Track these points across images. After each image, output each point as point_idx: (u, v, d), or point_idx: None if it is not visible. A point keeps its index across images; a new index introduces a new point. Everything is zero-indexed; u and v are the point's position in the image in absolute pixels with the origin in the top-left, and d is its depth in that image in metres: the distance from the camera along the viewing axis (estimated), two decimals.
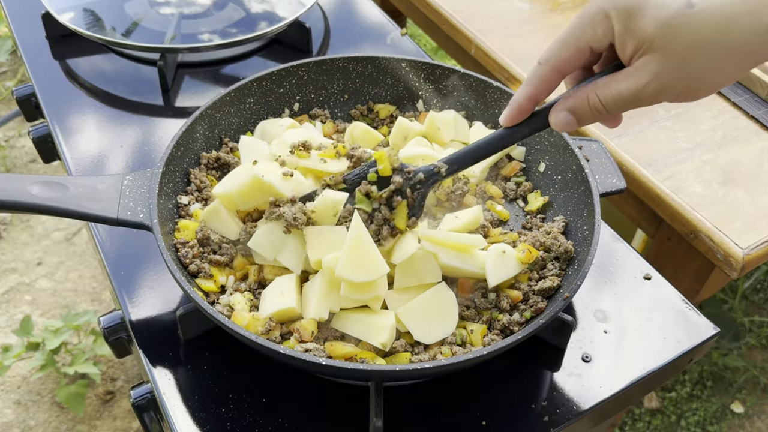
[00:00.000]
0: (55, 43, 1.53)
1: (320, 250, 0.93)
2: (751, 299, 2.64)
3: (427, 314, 0.94)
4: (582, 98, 0.78)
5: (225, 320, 0.84)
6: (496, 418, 0.93)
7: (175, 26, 1.49)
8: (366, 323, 0.92)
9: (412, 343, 0.94)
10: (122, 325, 1.04)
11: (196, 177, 1.09)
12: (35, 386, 2.34)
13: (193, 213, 1.05)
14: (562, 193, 1.10)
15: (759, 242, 1.21)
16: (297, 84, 1.24)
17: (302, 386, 0.96)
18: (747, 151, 1.39)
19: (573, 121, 0.80)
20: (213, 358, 0.98)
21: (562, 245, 1.01)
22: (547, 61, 0.79)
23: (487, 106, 1.22)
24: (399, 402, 0.94)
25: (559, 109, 0.80)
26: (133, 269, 1.08)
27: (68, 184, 0.96)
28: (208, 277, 0.97)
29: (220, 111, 1.15)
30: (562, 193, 1.10)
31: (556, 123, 0.81)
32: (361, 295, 0.91)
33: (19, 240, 2.77)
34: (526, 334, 0.85)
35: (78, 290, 2.62)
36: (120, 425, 2.25)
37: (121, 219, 0.95)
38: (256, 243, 0.98)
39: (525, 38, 1.63)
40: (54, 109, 1.37)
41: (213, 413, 0.92)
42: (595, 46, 0.76)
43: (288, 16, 1.49)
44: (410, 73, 1.25)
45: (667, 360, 1.00)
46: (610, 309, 1.06)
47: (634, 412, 2.35)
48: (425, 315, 0.94)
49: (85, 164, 1.26)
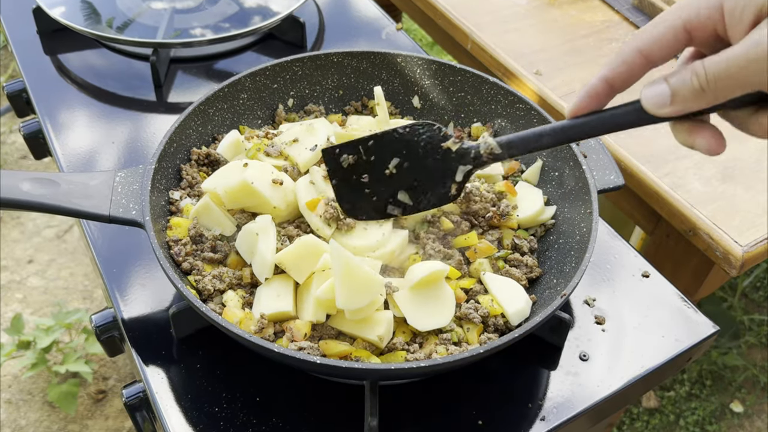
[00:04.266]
0: (46, 38, 1.52)
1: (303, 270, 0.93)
2: (751, 297, 2.64)
3: (424, 302, 0.93)
4: (686, 69, 0.62)
5: (218, 318, 0.83)
6: (492, 417, 0.93)
7: (168, 21, 1.48)
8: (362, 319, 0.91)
9: (407, 341, 0.93)
10: (114, 323, 1.04)
11: (187, 173, 1.08)
12: (26, 385, 2.33)
13: (184, 208, 1.04)
14: (560, 189, 1.10)
15: (758, 239, 1.20)
16: (291, 79, 1.23)
17: (296, 385, 0.95)
18: (747, 147, 1.38)
19: (668, 95, 0.64)
20: (206, 356, 0.97)
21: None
22: (634, 38, 0.65)
23: (484, 102, 1.21)
24: (394, 401, 0.94)
25: (656, 80, 0.65)
26: (126, 267, 1.07)
27: (59, 180, 0.96)
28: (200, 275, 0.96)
29: (213, 107, 1.14)
30: (560, 190, 1.10)
31: (647, 94, 0.65)
32: (364, 312, 0.90)
33: (9, 237, 2.76)
34: (523, 333, 0.85)
35: (69, 288, 2.60)
36: (112, 425, 2.24)
37: (113, 216, 0.94)
38: (239, 244, 0.98)
39: (522, 33, 1.62)
40: (45, 105, 1.36)
41: (206, 412, 0.91)
42: (694, 28, 0.62)
43: (282, 11, 1.48)
44: (406, 68, 1.24)
45: (666, 359, 1.00)
46: (608, 307, 1.06)
47: (633, 411, 2.35)
48: (422, 302, 0.93)
49: (76, 160, 1.25)
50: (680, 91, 0.63)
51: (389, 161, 0.82)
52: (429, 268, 0.92)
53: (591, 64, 1.54)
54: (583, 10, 1.71)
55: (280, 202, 0.98)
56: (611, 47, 1.59)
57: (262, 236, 0.94)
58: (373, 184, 0.84)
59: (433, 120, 1.26)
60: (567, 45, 1.60)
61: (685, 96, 0.63)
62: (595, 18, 1.68)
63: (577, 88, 1.47)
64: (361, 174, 0.83)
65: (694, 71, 0.61)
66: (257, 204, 0.98)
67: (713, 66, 0.60)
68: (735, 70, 0.59)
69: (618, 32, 1.64)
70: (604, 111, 0.70)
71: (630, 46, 0.66)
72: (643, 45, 0.65)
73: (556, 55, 1.57)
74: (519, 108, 1.16)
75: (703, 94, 0.62)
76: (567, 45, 1.60)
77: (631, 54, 0.66)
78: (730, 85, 0.60)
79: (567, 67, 1.53)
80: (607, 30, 1.65)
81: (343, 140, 1.06)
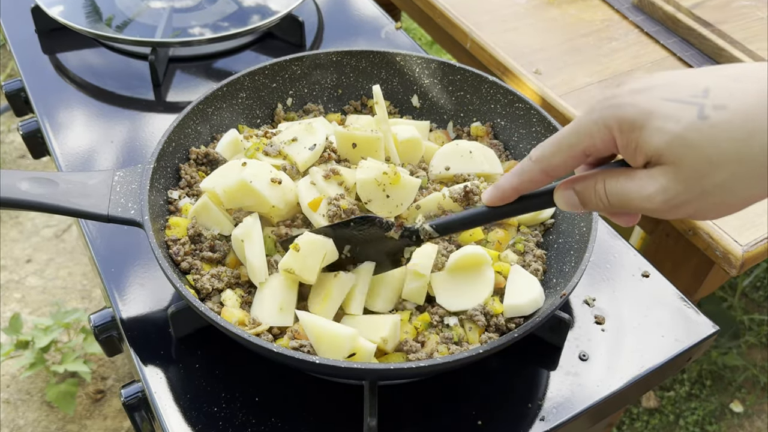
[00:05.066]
0: (44, 37, 1.52)
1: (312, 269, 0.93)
2: (751, 297, 2.64)
3: (459, 284, 0.95)
4: (590, 184, 0.70)
5: (217, 318, 0.83)
6: (492, 417, 0.93)
7: (167, 20, 1.48)
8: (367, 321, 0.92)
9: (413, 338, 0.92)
10: (113, 323, 1.03)
11: (186, 172, 1.08)
12: (24, 385, 2.32)
13: (183, 208, 1.03)
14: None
15: (758, 239, 1.20)
16: (290, 78, 1.23)
17: (296, 385, 0.95)
18: None
19: (578, 203, 0.73)
20: (205, 356, 0.97)
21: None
22: (538, 161, 0.73)
23: (483, 101, 1.20)
24: (394, 401, 0.93)
25: (566, 187, 0.74)
26: (124, 266, 1.07)
27: (58, 180, 0.96)
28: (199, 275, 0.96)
29: (212, 106, 1.14)
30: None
31: (559, 200, 0.75)
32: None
33: (8, 237, 2.75)
34: (523, 333, 0.85)
35: (68, 288, 2.60)
36: (111, 425, 2.24)
37: (111, 215, 0.94)
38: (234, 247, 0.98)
39: (521, 32, 1.62)
40: (43, 104, 1.36)
41: (205, 412, 0.91)
42: (593, 153, 0.69)
43: (281, 10, 1.48)
44: (405, 67, 1.24)
45: (666, 359, 1.00)
46: (608, 307, 1.06)
47: (632, 411, 2.35)
48: (457, 284, 0.95)
49: (75, 160, 1.24)
50: (588, 203, 0.72)
51: (342, 249, 0.96)
52: (464, 252, 0.95)
53: (590, 63, 1.54)
54: (582, 9, 1.70)
55: (278, 201, 0.98)
56: (611, 46, 1.59)
57: (247, 242, 0.94)
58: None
59: (432, 119, 1.26)
60: (566, 44, 1.59)
61: (593, 208, 0.72)
62: (595, 17, 1.68)
63: (576, 86, 1.47)
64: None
65: (596, 192, 0.70)
66: (256, 203, 0.98)
67: (613, 194, 0.68)
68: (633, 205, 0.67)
69: (618, 31, 1.64)
70: (522, 199, 0.80)
71: (535, 168, 0.74)
72: (546, 168, 0.73)
73: (555, 54, 1.56)
74: (518, 107, 1.16)
75: (606, 209, 0.71)
76: (566, 44, 1.59)
77: (537, 174, 0.74)
78: (627, 210, 0.68)
79: (566, 66, 1.53)
80: (606, 29, 1.64)
81: (343, 139, 1.06)
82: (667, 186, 0.62)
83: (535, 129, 1.14)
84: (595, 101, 0.67)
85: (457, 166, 1.10)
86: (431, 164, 1.12)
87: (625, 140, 0.64)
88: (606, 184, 0.69)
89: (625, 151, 0.66)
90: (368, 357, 0.85)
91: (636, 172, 0.66)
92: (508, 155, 1.19)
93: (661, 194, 0.63)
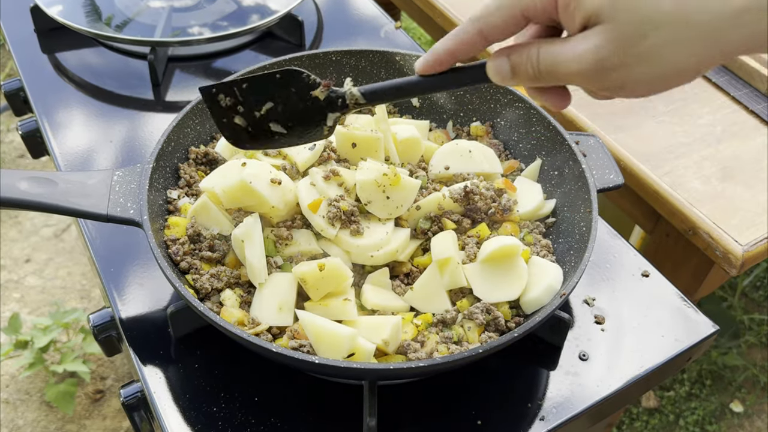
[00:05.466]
0: (43, 36, 1.52)
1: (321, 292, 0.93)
2: (751, 297, 2.63)
3: (494, 275, 0.95)
4: (524, 50, 0.68)
5: (216, 318, 0.83)
6: (491, 417, 0.93)
7: (166, 19, 1.48)
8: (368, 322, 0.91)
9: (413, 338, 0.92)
10: (112, 322, 1.03)
11: (185, 172, 1.08)
12: (24, 385, 2.32)
13: (182, 207, 1.03)
14: (559, 189, 1.09)
15: (759, 239, 1.20)
16: None
17: (295, 385, 0.95)
18: (746, 146, 1.38)
19: (508, 72, 0.70)
20: (204, 356, 0.97)
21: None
22: (476, 20, 0.70)
23: (483, 101, 1.20)
24: (393, 401, 0.93)
25: (499, 55, 0.71)
26: (123, 266, 1.07)
27: (57, 179, 0.95)
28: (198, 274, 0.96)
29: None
30: (559, 189, 1.09)
31: (491, 69, 0.72)
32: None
33: (7, 236, 2.75)
34: (523, 332, 0.84)
35: (67, 287, 2.60)
36: (110, 425, 2.24)
37: (110, 215, 0.94)
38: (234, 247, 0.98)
39: None
40: (42, 104, 1.35)
41: (204, 412, 0.91)
42: (532, 16, 0.67)
43: (280, 9, 1.48)
44: (404, 67, 1.24)
45: (666, 358, 1.00)
46: (608, 307, 1.05)
47: (632, 411, 2.35)
48: (492, 275, 0.95)
49: (74, 159, 1.24)
50: (518, 71, 0.69)
51: (263, 104, 0.86)
52: (500, 242, 0.95)
53: None
54: None
55: (278, 201, 0.98)
56: None
57: (247, 243, 0.94)
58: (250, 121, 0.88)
59: (432, 119, 1.25)
60: None
61: (523, 76, 0.69)
62: None
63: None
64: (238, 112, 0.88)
65: (529, 57, 0.68)
66: (256, 203, 0.98)
67: (544, 59, 0.66)
68: (562, 69, 0.65)
69: None
70: (454, 70, 0.76)
71: (472, 28, 0.70)
72: (484, 28, 0.69)
73: None
74: (518, 107, 1.16)
75: (536, 79, 0.68)
76: None
77: (474, 35, 0.70)
78: (557, 77, 0.66)
79: None
80: None
81: (343, 139, 1.06)
82: (600, 44, 0.61)
83: (534, 129, 1.14)
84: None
85: (457, 165, 1.10)
86: (431, 164, 1.12)
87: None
88: (540, 49, 0.67)
89: (564, 13, 0.64)
90: (368, 357, 0.85)
91: (571, 37, 0.64)
92: (507, 155, 1.19)
93: (592, 53, 0.62)
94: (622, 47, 0.60)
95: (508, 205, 1.04)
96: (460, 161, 1.10)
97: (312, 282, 0.91)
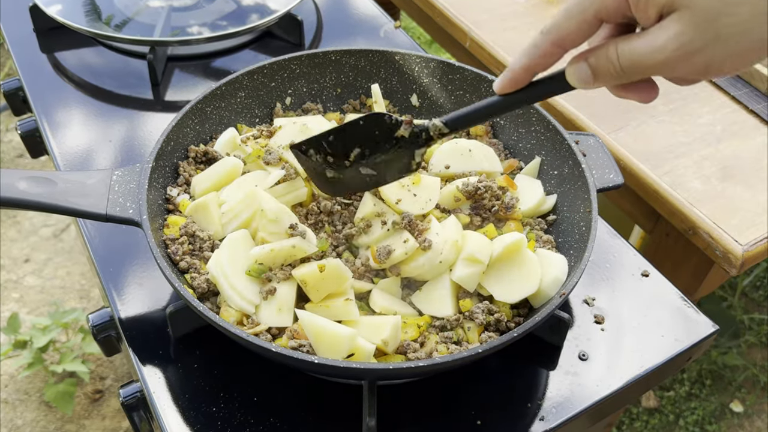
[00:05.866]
0: (42, 36, 1.51)
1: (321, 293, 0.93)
2: (751, 296, 2.63)
3: (507, 274, 0.95)
4: (602, 51, 0.69)
5: (215, 318, 0.82)
6: (491, 417, 0.92)
7: (165, 19, 1.47)
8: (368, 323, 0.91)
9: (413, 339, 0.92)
10: (111, 322, 1.03)
11: (185, 170, 1.08)
12: (23, 385, 2.32)
13: (180, 203, 1.03)
14: (559, 188, 1.09)
15: (759, 238, 1.20)
16: (289, 78, 1.22)
17: (294, 385, 0.95)
18: (747, 145, 1.38)
19: (590, 75, 0.71)
20: (204, 356, 0.96)
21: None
22: (549, 32, 0.71)
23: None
24: (393, 401, 0.93)
25: (578, 60, 0.72)
26: (123, 266, 1.07)
27: (56, 179, 0.95)
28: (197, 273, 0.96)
29: (210, 105, 1.14)
30: (559, 189, 1.09)
31: (571, 75, 0.73)
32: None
33: (6, 236, 2.75)
34: (522, 332, 0.84)
35: (66, 287, 2.59)
36: (109, 425, 2.23)
37: (110, 215, 0.94)
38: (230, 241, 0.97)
39: (520, 31, 1.62)
40: (42, 103, 1.35)
41: (204, 412, 0.90)
42: (605, 17, 0.68)
43: (280, 9, 1.47)
44: (404, 66, 1.24)
45: (665, 358, 1.00)
46: (608, 306, 1.05)
47: (632, 411, 2.35)
48: (505, 275, 0.95)
49: (73, 159, 1.24)
50: (599, 72, 0.70)
51: (351, 150, 0.90)
52: (506, 240, 0.95)
53: None
54: None
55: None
56: None
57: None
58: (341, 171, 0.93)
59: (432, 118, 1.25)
60: None
61: (605, 77, 0.69)
62: None
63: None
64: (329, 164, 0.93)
65: (608, 57, 0.68)
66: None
67: (624, 55, 0.66)
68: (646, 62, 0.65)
69: None
70: (533, 84, 0.77)
71: (547, 40, 0.71)
72: (559, 38, 0.71)
73: None
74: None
75: (619, 77, 0.69)
76: None
77: (549, 47, 0.72)
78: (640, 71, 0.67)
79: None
80: None
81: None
82: (680, 31, 0.61)
83: (534, 128, 1.14)
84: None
85: (457, 164, 1.10)
86: (431, 163, 1.12)
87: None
88: (618, 47, 0.67)
89: (637, 7, 0.65)
90: (367, 357, 0.85)
91: (648, 30, 0.65)
92: (507, 154, 1.19)
93: (673, 41, 0.62)
94: (705, 29, 0.60)
95: (511, 203, 1.04)
96: (460, 160, 1.10)
97: (312, 283, 0.91)
